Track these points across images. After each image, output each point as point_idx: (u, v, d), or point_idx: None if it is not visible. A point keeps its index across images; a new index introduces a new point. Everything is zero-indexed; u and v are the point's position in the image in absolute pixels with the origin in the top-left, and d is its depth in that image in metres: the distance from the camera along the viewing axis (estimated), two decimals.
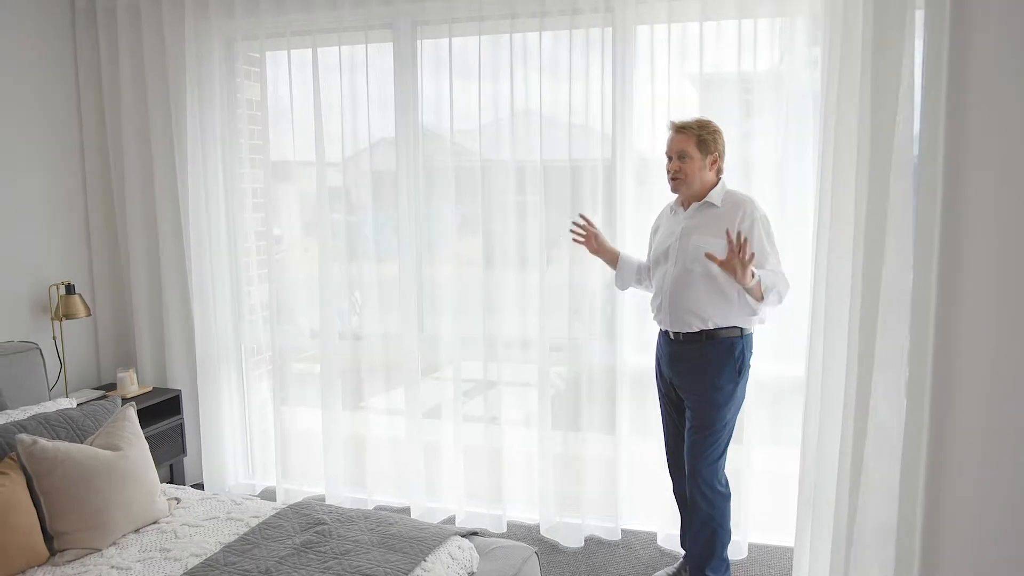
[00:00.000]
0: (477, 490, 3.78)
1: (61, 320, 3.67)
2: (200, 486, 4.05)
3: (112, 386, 3.96)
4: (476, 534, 2.72)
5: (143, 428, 3.52)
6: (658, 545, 3.51)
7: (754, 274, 2.70)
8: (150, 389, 3.94)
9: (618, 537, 3.57)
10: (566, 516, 3.62)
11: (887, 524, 2.34)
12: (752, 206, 2.84)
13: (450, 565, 2.41)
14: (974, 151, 1.63)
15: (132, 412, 2.85)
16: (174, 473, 4.02)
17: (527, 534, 3.64)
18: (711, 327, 2.87)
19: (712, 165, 2.89)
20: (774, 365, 3.30)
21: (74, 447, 2.54)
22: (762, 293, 2.76)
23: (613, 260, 3.17)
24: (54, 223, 3.82)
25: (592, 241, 3.12)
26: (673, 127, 2.91)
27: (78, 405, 3.03)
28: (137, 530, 2.63)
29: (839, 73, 2.65)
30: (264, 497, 3.97)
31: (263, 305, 4.10)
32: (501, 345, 3.65)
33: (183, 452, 3.96)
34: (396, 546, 2.44)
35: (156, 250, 3.99)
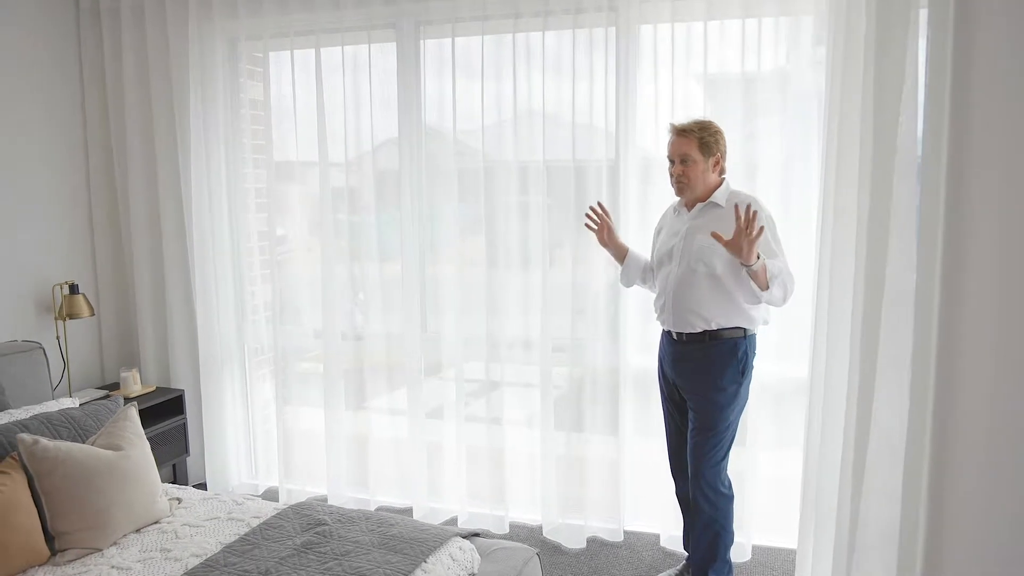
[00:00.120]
0: (479, 491, 3.77)
1: (65, 320, 3.67)
2: (203, 486, 4.05)
3: (116, 386, 3.97)
4: (478, 535, 2.71)
5: (146, 428, 3.54)
6: (661, 546, 3.49)
7: (759, 256, 2.66)
8: (153, 389, 3.94)
9: (621, 538, 3.56)
10: (569, 517, 3.61)
11: (890, 526, 2.33)
12: (757, 206, 2.82)
13: (450, 566, 2.40)
14: (978, 150, 1.62)
15: (134, 412, 2.85)
16: (177, 473, 4.02)
17: (529, 535, 3.63)
18: (714, 327, 2.85)
19: (715, 166, 2.87)
20: (777, 366, 3.28)
21: (75, 447, 2.54)
22: (767, 281, 2.71)
23: (621, 256, 3.15)
24: (58, 223, 3.83)
25: (604, 232, 3.10)
26: (673, 130, 2.89)
27: (81, 405, 3.03)
28: (138, 530, 2.63)
29: (842, 72, 2.64)
30: (267, 497, 3.97)
31: (266, 305, 4.10)
32: (504, 345, 3.64)
33: (186, 452, 3.97)
34: (396, 547, 2.43)
35: (159, 250, 3.99)
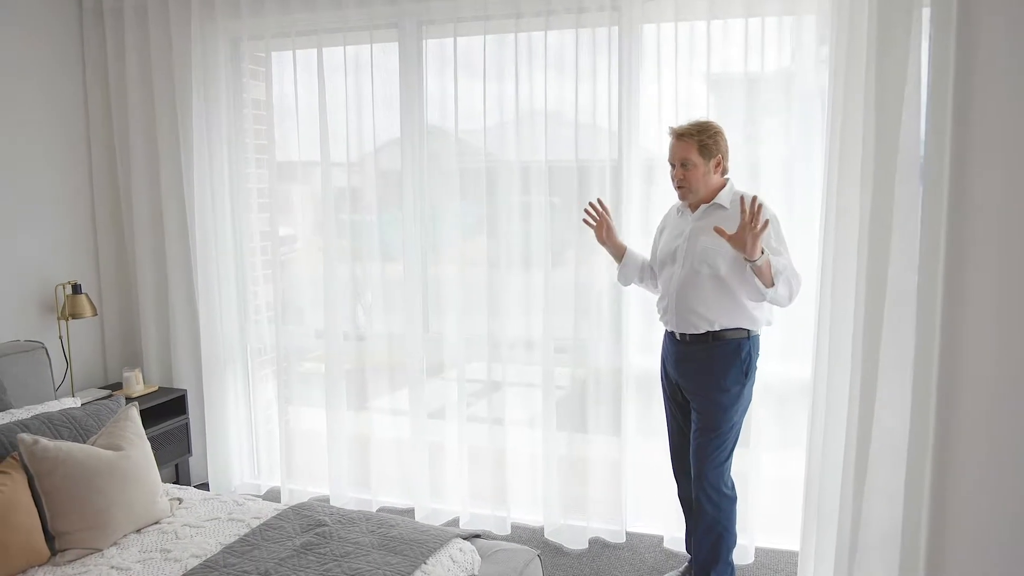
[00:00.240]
0: (481, 492, 3.76)
1: (67, 320, 3.68)
2: (205, 486, 4.05)
3: (118, 385, 3.97)
4: (479, 536, 2.70)
5: (149, 428, 3.55)
6: (664, 547, 3.48)
7: (763, 251, 2.62)
8: (156, 389, 3.94)
9: (623, 540, 3.54)
10: (570, 518, 3.60)
11: (892, 526, 2.32)
12: (763, 207, 2.80)
13: (451, 568, 2.39)
14: (980, 150, 1.61)
15: (135, 412, 2.85)
16: (179, 473, 4.02)
17: (531, 536, 3.62)
18: (718, 328, 2.84)
19: (716, 167, 2.84)
20: (781, 367, 3.26)
21: (75, 447, 2.54)
22: (772, 278, 2.67)
23: (619, 254, 3.12)
24: (61, 223, 3.83)
25: (602, 229, 3.07)
26: (673, 134, 2.86)
27: (82, 405, 3.03)
28: (138, 530, 2.63)
29: (845, 72, 2.62)
30: (269, 497, 3.97)
31: (268, 305, 4.10)
32: (506, 346, 3.63)
33: (188, 452, 3.97)
34: (396, 548, 2.43)
35: (162, 250, 3.99)
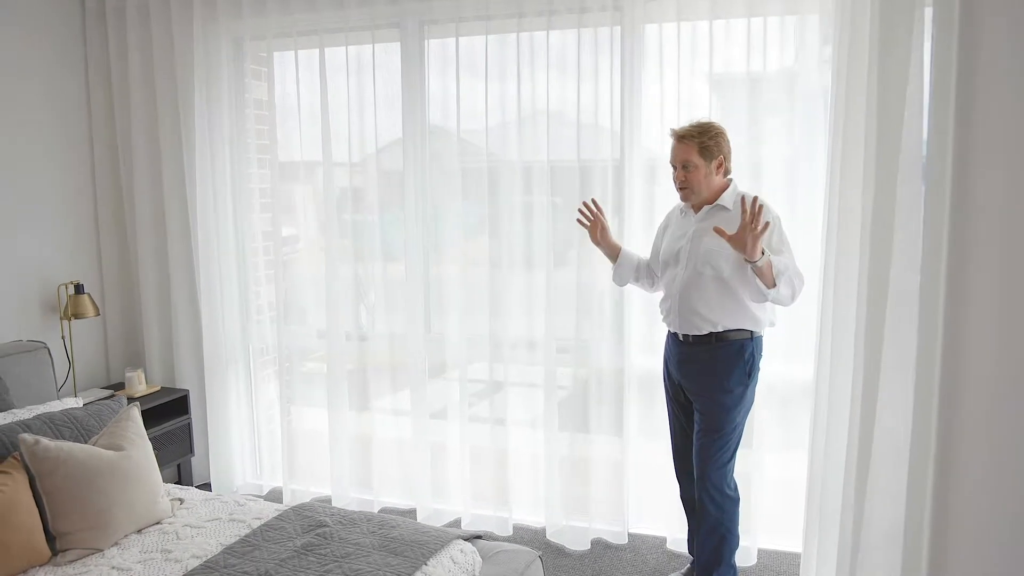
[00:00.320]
0: (483, 492, 3.75)
1: (70, 319, 3.68)
2: (208, 486, 4.06)
3: (121, 386, 3.97)
4: (480, 537, 2.69)
5: (151, 428, 3.56)
6: (667, 549, 3.46)
7: (764, 251, 2.61)
8: (158, 389, 3.95)
9: (625, 541, 3.53)
10: (572, 519, 3.59)
11: (894, 527, 2.31)
12: (764, 207, 2.79)
13: (451, 569, 2.39)
14: (983, 150, 1.60)
15: (136, 412, 2.85)
16: (182, 473, 4.03)
17: (533, 537, 3.61)
18: (720, 330, 2.83)
19: (718, 169, 2.83)
20: (784, 368, 3.25)
21: (76, 447, 2.54)
22: (773, 278, 2.66)
23: (613, 254, 3.12)
24: (63, 223, 3.84)
25: (596, 230, 3.06)
26: (674, 136, 2.85)
27: (84, 405, 3.03)
28: (139, 531, 2.63)
29: (847, 71, 2.61)
30: (271, 498, 3.97)
31: (270, 305, 4.10)
32: (508, 346, 3.62)
33: (191, 452, 3.97)
34: (397, 549, 2.42)
35: (164, 250, 4.00)
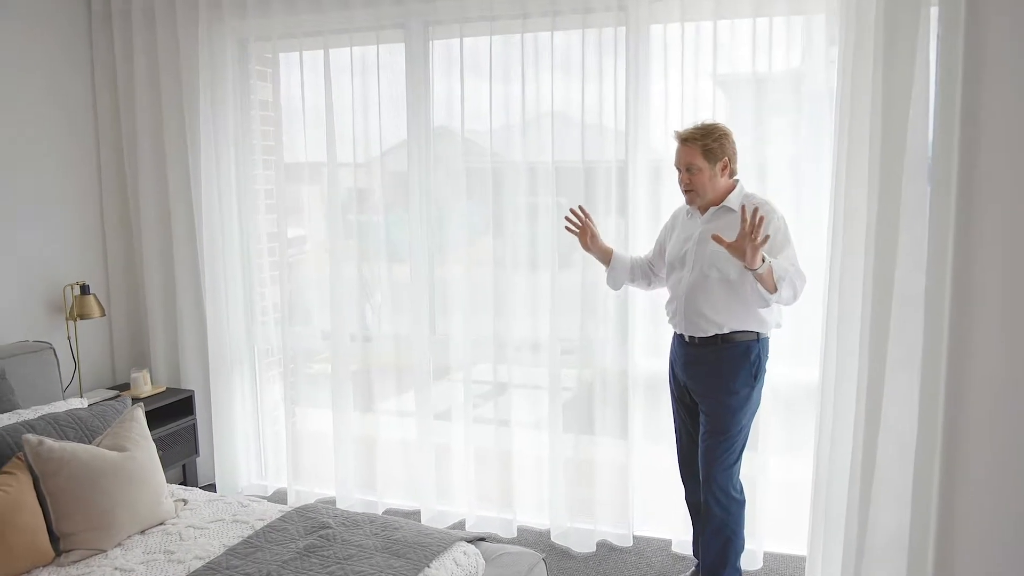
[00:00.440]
0: (488, 494, 3.74)
1: (76, 320, 3.69)
2: (213, 487, 4.06)
3: (126, 386, 3.98)
4: (483, 539, 2.68)
5: (156, 428, 3.56)
6: (672, 551, 3.45)
7: (764, 259, 2.58)
8: (163, 389, 3.95)
9: (630, 544, 3.52)
10: (577, 521, 3.57)
11: (899, 530, 2.29)
12: (769, 208, 2.77)
13: (454, 572, 2.38)
14: (989, 151, 1.58)
15: (140, 413, 2.85)
16: (187, 473, 4.03)
17: (537, 539, 3.60)
18: (726, 332, 2.82)
19: (723, 170, 2.81)
20: (791, 370, 3.23)
21: (80, 447, 2.55)
22: (775, 283, 2.63)
23: (606, 259, 3.10)
24: (69, 224, 3.85)
25: (586, 236, 3.05)
26: (678, 138, 2.84)
27: (89, 405, 3.04)
28: (143, 531, 2.63)
29: (853, 71, 2.60)
30: (276, 498, 3.97)
31: (275, 306, 4.10)
32: (512, 347, 3.61)
33: (196, 453, 3.97)
34: (400, 551, 2.41)
35: (170, 251, 4.00)
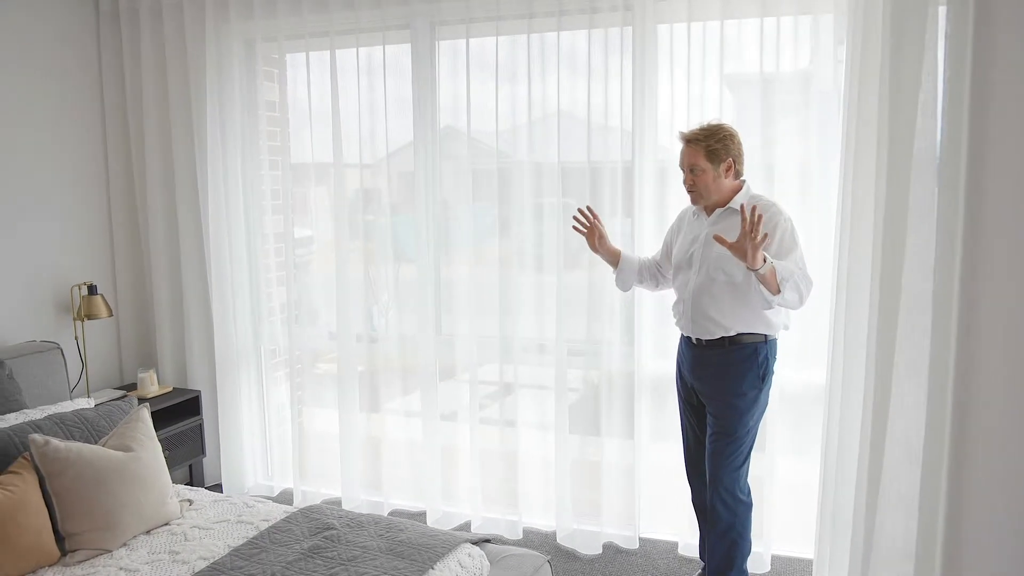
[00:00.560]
0: (493, 495, 3.74)
1: (83, 320, 3.70)
2: (219, 487, 4.07)
3: (134, 386, 3.99)
4: (488, 541, 2.67)
5: (163, 428, 3.57)
6: (678, 554, 3.43)
7: (766, 259, 2.56)
8: (170, 389, 3.96)
9: (636, 546, 3.50)
10: (583, 523, 3.56)
11: (907, 535, 2.27)
12: (776, 210, 2.75)
13: (459, 573, 2.37)
14: (998, 153, 1.57)
15: (146, 413, 2.85)
16: (194, 474, 4.04)
17: (543, 541, 3.59)
18: (733, 334, 2.80)
19: (727, 171, 2.79)
20: (798, 372, 3.21)
21: (86, 448, 2.55)
22: (778, 285, 2.59)
23: (614, 260, 3.08)
24: (77, 224, 3.86)
25: (593, 237, 3.02)
26: (682, 139, 2.83)
27: (96, 405, 3.04)
28: (148, 532, 2.63)
29: (860, 72, 2.58)
30: (282, 499, 3.97)
31: (282, 306, 4.10)
32: (519, 348, 3.60)
33: (202, 453, 3.98)
34: (404, 553, 2.41)
35: (177, 251, 4.01)
